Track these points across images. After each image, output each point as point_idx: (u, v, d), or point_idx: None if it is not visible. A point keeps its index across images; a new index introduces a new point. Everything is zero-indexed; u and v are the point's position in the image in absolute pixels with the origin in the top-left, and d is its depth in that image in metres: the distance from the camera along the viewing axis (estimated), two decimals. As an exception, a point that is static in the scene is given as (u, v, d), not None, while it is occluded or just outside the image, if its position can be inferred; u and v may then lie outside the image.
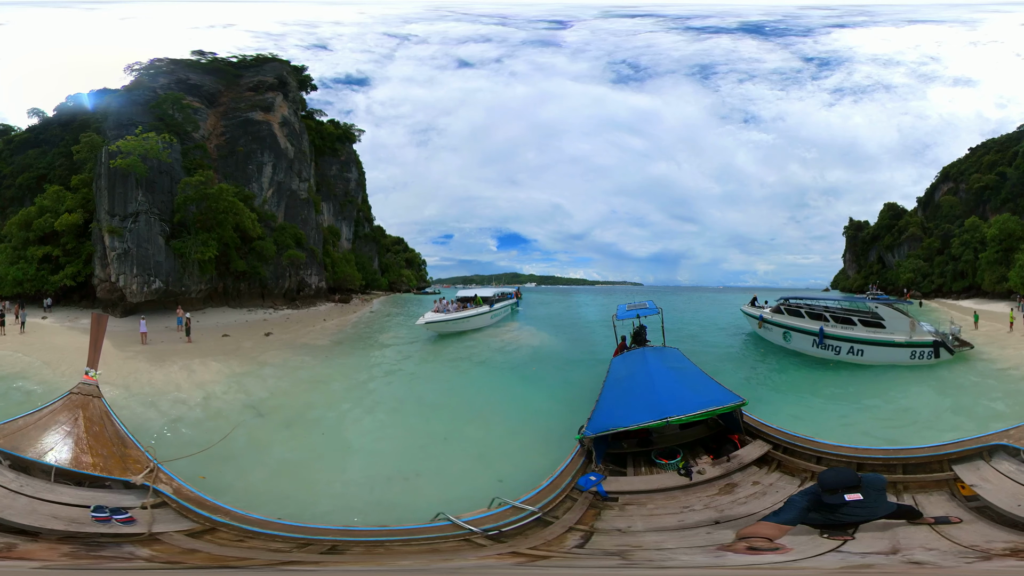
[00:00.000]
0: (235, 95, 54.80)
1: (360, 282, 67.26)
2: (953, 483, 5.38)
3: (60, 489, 5.50)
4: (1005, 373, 16.76)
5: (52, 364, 19.01)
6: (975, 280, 56.84)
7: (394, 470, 9.52)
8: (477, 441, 11.33)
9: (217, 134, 51.00)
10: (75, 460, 6.21)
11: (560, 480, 5.64)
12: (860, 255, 76.44)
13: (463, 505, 5.15)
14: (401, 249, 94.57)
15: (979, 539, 4.41)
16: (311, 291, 50.68)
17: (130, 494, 5.68)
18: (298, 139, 57.38)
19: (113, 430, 7.36)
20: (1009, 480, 5.08)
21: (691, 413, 6.79)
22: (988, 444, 5.57)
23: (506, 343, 26.26)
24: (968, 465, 5.45)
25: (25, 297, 34.60)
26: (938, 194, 67.73)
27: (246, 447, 10.87)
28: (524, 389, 16.67)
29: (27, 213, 35.90)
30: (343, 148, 74.75)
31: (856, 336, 19.35)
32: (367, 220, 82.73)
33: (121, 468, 6.17)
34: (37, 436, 6.64)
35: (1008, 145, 59.84)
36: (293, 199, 53.63)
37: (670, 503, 5.55)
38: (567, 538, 4.47)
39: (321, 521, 5.29)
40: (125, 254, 30.67)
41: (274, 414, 13.73)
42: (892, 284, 67.97)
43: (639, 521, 5.00)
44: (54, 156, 44.75)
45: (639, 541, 4.47)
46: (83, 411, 7.54)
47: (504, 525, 4.32)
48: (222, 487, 7.52)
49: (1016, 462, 5.30)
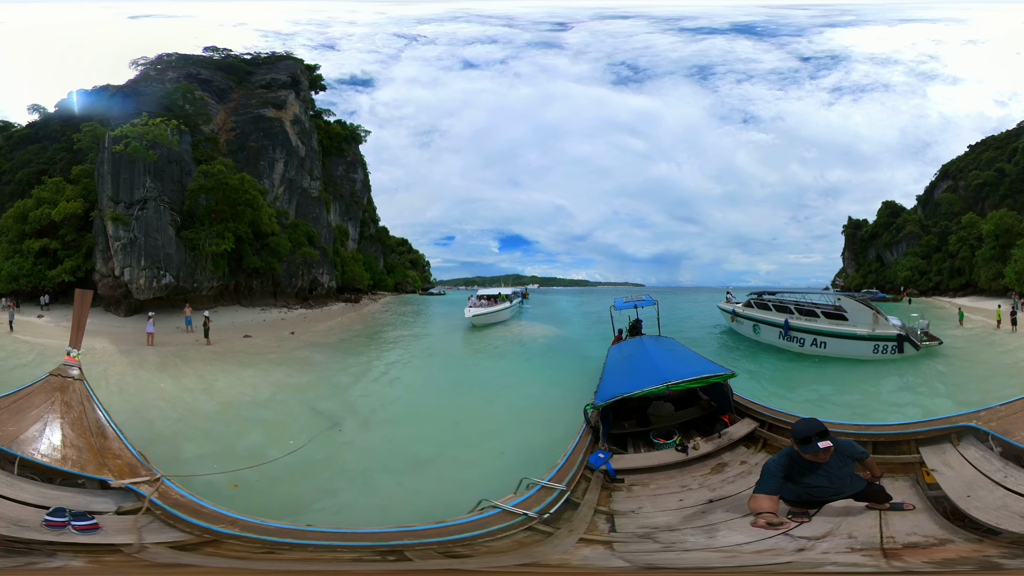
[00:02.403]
0: (246, 92, 52.33)
1: (368, 282, 64.16)
2: (919, 468, 4.81)
3: (21, 484, 4.45)
4: (966, 371, 15.87)
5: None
6: (971, 277, 54.62)
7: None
8: (504, 420, 11.29)
9: (227, 129, 47.88)
10: (45, 451, 5.02)
11: (574, 458, 5.56)
12: (859, 253, 74.17)
13: (489, 486, 4.97)
14: (405, 250, 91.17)
15: (902, 530, 3.90)
16: (323, 290, 47.52)
17: (105, 497, 4.56)
18: (308, 138, 54.79)
19: (94, 418, 6.03)
20: (970, 467, 4.44)
21: (688, 379, 7.06)
22: (958, 425, 4.93)
23: (523, 337, 27.14)
24: (935, 448, 4.90)
25: (22, 294, 30.21)
26: (937, 192, 65.71)
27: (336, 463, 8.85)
28: (542, 374, 17.14)
29: (23, 205, 31.53)
30: (349, 148, 71.68)
31: (818, 328, 18.85)
32: (372, 221, 79.58)
33: (97, 463, 5.04)
34: (5, 421, 5.34)
35: (1008, 142, 57.91)
36: (304, 197, 50.76)
37: (669, 482, 5.52)
38: (597, 522, 4.38)
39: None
40: (131, 244, 26.41)
41: (354, 420, 11.49)
42: (890, 282, 65.86)
43: (647, 502, 4.97)
44: (55, 151, 40.99)
45: (654, 523, 4.41)
46: (61, 394, 6.24)
47: (549, 506, 4.16)
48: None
49: (983, 448, 4.63)
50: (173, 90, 40.49)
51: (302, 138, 52.72)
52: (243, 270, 36.03)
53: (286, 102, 52.23)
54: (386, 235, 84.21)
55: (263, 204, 33.15)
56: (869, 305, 18.88)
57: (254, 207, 31.55)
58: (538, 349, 22.70)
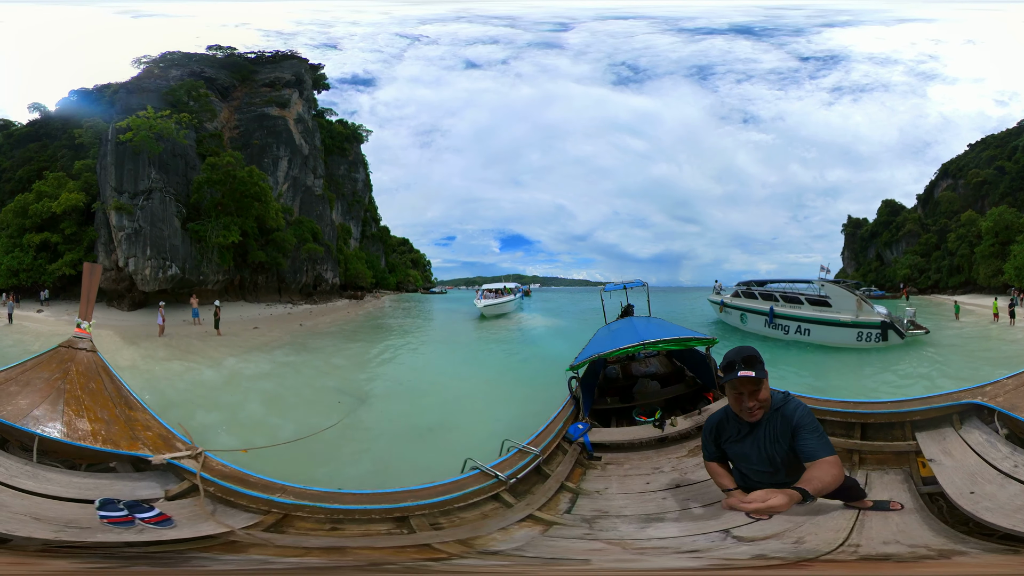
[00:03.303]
0: (250, 90, 51.89)
1: (371, 280, 63.52)
2: (913, 459, 3.83)
3: (45, 474, 3.45)
4: (959, 359, 15.36)
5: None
6: (971, 275, 54.18)
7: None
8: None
9: (230, 127, 47.32)
10: (68, 427, 3.95)
11: (553, 426, 5.52)
12: (859, 252, 73.77)
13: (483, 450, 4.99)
14: (406, 250, 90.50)
15: (879, 536, 2.95)
16: (327, 287, 46.99)
17: (146, 480, 3.63)
18: (311, 136, 54.50)
19: (114, 388, 5.09)
20: (974, 454, 3.49)
21: (664, 338, 6.97)
22: (960, 403, 3.89)
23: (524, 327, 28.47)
24: (933, 434, 3.88)
25: (21, 289, 29.23)
26: (937, 191, 65.35)
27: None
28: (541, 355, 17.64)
29: (24, 199, 30.59)
30: (351, 148, 71.22)
31: (803, 315, 18.68)
32: (374, 220, 78.94)
33: (130, 438, 4.06)
34: (15, 394, 4.28)
35: (1008, 140, 57.62)
36: (308, 195, 50.27)
37: (643, 463, 5.24)
38: (560, 499, 4.24)
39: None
40: (136, 234, 25.49)
41: (377, 397, 11.80)
42: (889, 280, 65.47)
43: (614, 483, 4.72)
44: (55, 149, 40.26)
45: (608, 506, 4.16)
46: (75, 365, 5.31)
47: (519, 471, 4.21)
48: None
49: (988, 430, 3.65)
50: (178, 87, 39.78)
51: (305, 136, 52.28)
52: (248, 265, 35.34)
53: (290, 101, 51.72)
54: (387, 235, 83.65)
55: (271, 198, 32.36)
56: (853, 292, 18.44)
57: (262, 201, 30.71)
58: (537, 336, 23.71)
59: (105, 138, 27.95)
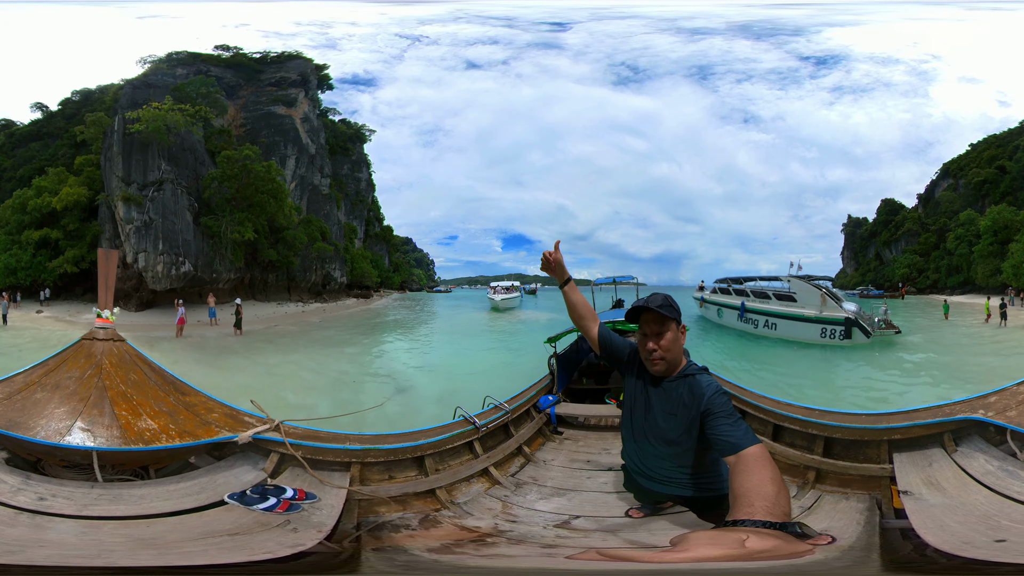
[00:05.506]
0: (255, 89, 50.75)
1: (376, 279, 61.88)
2: (887, 485, 2.87)
3: (129, 491, 2.65)
4: (931, 361, 14.51)
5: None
6: (969, 275, 53.36)
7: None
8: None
9: (237, 125, 45.87)
10: (131, 431, 3.08)
11: (527, 392, 5.71)
12: (858, 252, 72.98)
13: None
14: (410, 249, 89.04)
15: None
16: (335, 285, 45.91)
17: (234, 466, 3.03)
18: (317, 135, 53.46)
19: (157, 376, 3.95)
20: (977, 487, 2.48)
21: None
22: (955, 418, 2.87)
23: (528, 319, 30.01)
24: (916, 456, 2.84)
25: (21, 289, 27.08)
26: (938, 190, 64.67)
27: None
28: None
29: (23, 195, 28.44)
30: (354, 148, 69.63)
31: (769, 309, 18.97)
32: (377, 220, 77.44)
33: (202, 425, 3.37)
34: (45, 401, 3.24)
35: (1009, 140, 56.96)
36: (315, 194, 49.06)
37: (597, 443, 5.09)
38: (514, 462, 4.33)
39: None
40: (146, 227, 23.49)
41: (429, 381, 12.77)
42: (888, 280, 64.63)
43: (562, 456, 4.68)
44: (57, 147, 38.64)
45: (540, 475, 4.10)
46: (107, 357, 4.06)
47: (491, 422, 4.39)
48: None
49: (999, 453, 2.65)
50: (188, 82, 38.01)
51: (312, 135, 51.14)
52: (258, 264, 33.69)
53: (296, 100, 50.63)
54: (390, 234, 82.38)
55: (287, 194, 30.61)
56: (819, 287, 18.43)
57: (277, 197, 28.88)
58: (540, 326, 24.67)
59: (111, 129, 26.03)
